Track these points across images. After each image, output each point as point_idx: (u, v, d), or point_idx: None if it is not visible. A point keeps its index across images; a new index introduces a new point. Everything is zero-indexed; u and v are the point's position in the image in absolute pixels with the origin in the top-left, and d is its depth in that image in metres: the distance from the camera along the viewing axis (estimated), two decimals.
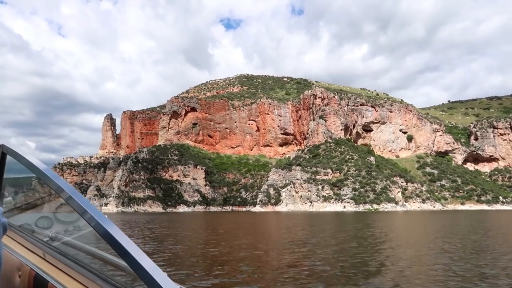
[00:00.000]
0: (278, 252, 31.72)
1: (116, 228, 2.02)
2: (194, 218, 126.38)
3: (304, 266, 24.13)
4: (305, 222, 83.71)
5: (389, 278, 20.25)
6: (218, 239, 43.10)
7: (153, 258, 21.51)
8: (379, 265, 24.29)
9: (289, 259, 27.04)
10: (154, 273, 1.81)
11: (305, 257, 28.03)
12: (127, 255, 1.89)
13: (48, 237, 2.99)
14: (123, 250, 1.91)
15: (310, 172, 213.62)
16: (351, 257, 27.92)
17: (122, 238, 1.96)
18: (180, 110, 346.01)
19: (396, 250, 32.69)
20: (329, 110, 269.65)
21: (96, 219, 2.08)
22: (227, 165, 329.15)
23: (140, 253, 1.90)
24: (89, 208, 2.16)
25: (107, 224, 2.04)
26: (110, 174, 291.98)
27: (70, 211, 2.26)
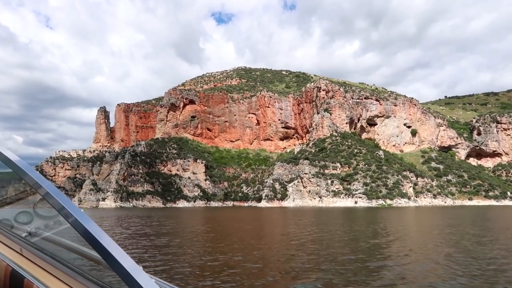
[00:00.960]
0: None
1: (93, 224, 2.01)
2: (198, 214, 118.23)
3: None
4: (334, 221, 76.17)
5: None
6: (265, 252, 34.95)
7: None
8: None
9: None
10: (130, 269, 1.79)
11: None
12: (103, 250, 1.88)
13: (27, 233, 2.94)
14: (100, 245, 1.89)
15: (319, 166, 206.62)
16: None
17: (99, 233, 1.95)
18: (178, 103, 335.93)
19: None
20: (334, 103, 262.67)
21: (74, 215, 2.06)
22: (227, 159, 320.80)
23: (117, 249, 1.89)
24: (67, 204, 2.14)
25: (85, 220, 2.02)
26: (106, 168, 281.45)
27: (51, 206, 2.24)
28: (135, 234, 44.42)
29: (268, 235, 44.74)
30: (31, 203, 2.91)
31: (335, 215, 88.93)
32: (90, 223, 2.01)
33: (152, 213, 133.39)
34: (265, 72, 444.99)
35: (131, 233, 45.36)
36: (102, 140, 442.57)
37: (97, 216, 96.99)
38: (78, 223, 2.01)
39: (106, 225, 59.20)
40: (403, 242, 34.68)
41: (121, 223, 65.67)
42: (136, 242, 35.80)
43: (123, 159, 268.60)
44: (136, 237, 40.45)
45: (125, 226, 58.83)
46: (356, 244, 33.06)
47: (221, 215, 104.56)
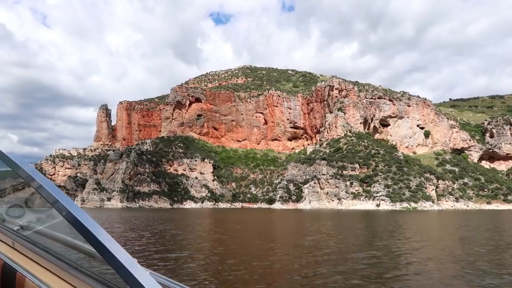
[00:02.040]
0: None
1: (87, 217, 1.99)
2: (212, 217, 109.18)
3: None
4: (377, 228, 67.47)
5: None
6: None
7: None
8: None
9: None
10: (125, 261, 1.77)
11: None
12: (98, 244, 1.86)
13: (19, 226, 2.90)
14: (94, 238, 1.88)
15: (336, 167, 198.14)
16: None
17: (93, 226, 1.93)
18: (184, 101, 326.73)
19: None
20: (348, 102, 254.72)
21: (68, 208, 2.04)
22: (234, 159, 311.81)
23: (112, 242, 1.86)
24: (60, 197, 2.12)
25: (79, 213, 2.00)
26: (110, 167, 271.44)
27: (43, 199, 2.22)
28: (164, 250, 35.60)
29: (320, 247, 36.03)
30: (24, 196, 2.86)
31: (369, 220, 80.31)
32: (84, 216, 1.99)
33: (163, 215, 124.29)
34: (270, 71, 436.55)
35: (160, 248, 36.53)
36: (103, 139, 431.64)
37: (110, 219, 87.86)
38: (72, 216, 2.00)
39: (118, 231, 50.39)
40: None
41: (140, 228, 56.74)
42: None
43: (129, 158, 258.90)
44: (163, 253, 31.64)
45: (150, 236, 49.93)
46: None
47: (239, 219, 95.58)
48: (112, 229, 51.84)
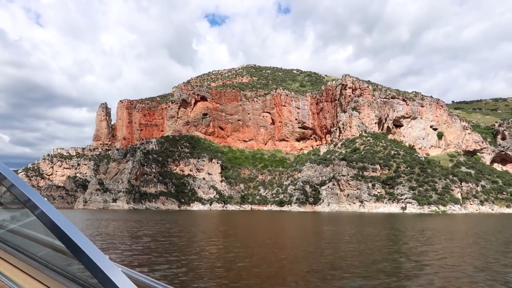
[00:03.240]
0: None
1: (60, 215, 1.96)
2: (229, 220, 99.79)
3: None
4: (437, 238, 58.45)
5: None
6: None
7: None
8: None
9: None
10: (96, 258, 1.75)
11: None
12: (69, 241, 1.83)
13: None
14: (65, 236, 1.85)
15: (357, 168, 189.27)
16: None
17: (64, 224, 1.91)
18: (190, 99, 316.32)
19: None
20: (363, 101, 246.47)
21: (40, 207, 2.01)
22: (241, 159, 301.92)
23: (83, 239, 1.84)
24: (32, 196, 2.08)
25: (51, 211, 1.98)
26: (114, 167, 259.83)
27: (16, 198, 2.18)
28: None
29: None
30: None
31: (418, 227, 71.32)
32: (56, 214, 1.96)
33: (177, 217, 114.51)
34: (275, 71, 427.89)
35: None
36: (103, 138, 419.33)
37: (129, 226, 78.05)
38: (44, 215, 1.97)
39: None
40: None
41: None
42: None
43: (134, 157, 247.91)
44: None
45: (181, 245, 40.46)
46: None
47: (262, 223, 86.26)
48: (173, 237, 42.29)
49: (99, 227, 58.58)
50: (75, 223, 68.09)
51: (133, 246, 33.00)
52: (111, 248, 30.91)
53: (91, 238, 36.17)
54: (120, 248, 31.72)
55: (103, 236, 42.83)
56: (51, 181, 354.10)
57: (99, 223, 70.41)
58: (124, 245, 34.12)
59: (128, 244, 34.94)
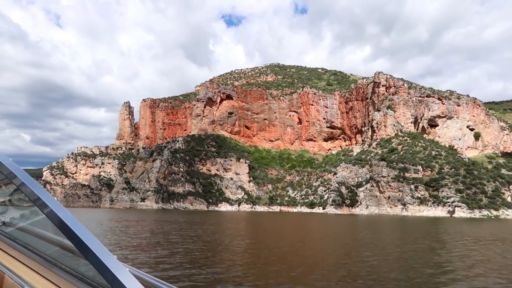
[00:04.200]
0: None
1: (68, 214, 1.97)
2: (276, 224, 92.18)
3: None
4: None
5: None
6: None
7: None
8: None
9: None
10: (104, 258, 1.76)
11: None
12: (78, 240, 1.85)
13: (1, 222, 2.86)
14: (74, 235, 1.87)
15: (397, 169, 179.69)
16: None
17: (73, 223, 1.92)
18: (215, 97, 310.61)
19: None
20: (398, 99, 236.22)
21: (49, 206, 2.02)
22: (268, 159, 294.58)
23: (92, 238, 1.86)
24: (42, 194, 2.10)
25: (60, 210, 1.99)
26: (141, 166, 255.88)
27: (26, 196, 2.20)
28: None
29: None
30: (7, 193, 2.76)
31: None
32: (65, 213, 1.97)
33: (211, 218, 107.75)
34: (300, 69, 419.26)
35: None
36: (126, 137, 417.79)
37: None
38: (53, 214, 1.98)
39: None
40: None
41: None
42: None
43: (162, 156, 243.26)
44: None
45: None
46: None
47: (299, 227, 78.34)
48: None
49: (158, 228, 52.23)
50: (127, 226, 62.16)
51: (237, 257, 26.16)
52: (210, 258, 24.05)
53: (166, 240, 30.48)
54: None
55: (184, 237, 36.13)
56: (75, 180, 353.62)
57: (152, 225, 64.05)
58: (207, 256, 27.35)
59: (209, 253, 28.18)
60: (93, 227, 55.38)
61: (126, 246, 32.43)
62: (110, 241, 36.13)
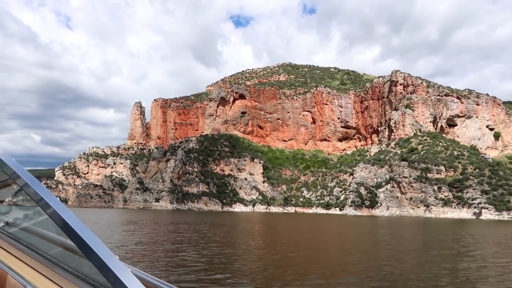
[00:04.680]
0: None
1: (71, 215, 1.98)
2: (299, 227, 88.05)
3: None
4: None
5: None
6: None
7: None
8: None
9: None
10: (106, 258, 1.77)
11: None
12: (80, 241, 1.85)
13: (4, 223, 2.84)
14: (77, 236, 1.87)
15: (419, 169, 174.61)
16: None
17: (76, 223, 1.93)
18: (228, 97, 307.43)
19: None
20: (417, 98, 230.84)
21: (52, 206, 2.03)
22: (282, 160, 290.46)
23: (94, 239, 1.86)
24: (45, 195, 2.10)
25: (63, 211, 1.99)
26: (154, 166, 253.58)
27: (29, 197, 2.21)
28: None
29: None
30: (11, 193, 2.75)
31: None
32: (68, 214, 1.98)
33: (230, 220, 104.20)
34: (312, 69, 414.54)
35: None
36: (137, 137, 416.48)
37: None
38: (56, 214, 1.98)
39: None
40: None
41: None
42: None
43: (176, 156, 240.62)
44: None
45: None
46: None
47: (324, 229, 74.10)
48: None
49: (200, 232, 48.78)
50: (145, 227, 58.76)
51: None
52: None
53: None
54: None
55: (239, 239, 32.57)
56: (87, 180, 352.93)
57: (189, 228, 60.61)
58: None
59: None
60: (113, 231, 52.17)
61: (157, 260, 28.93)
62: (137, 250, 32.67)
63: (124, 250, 29.82)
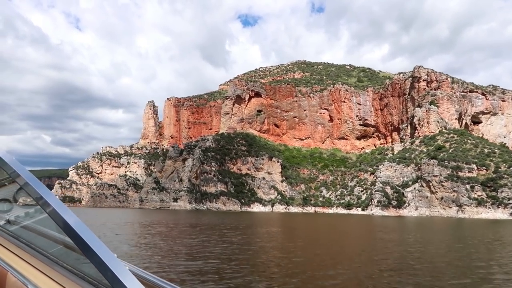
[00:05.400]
0: None
1: (71, 215, 1.98)
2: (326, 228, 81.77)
3: None
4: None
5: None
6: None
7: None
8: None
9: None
10: (104, 256, 1.79)
11: None
12: (79, 239, 1.86)
13: (5, 221, 2.83)
14: (75, 234, 1.88)
15: (450, 168, 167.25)
16: None
17: (75, 222, 1.93)
18: (244, 95, 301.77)
19: None
20: (442, 94, 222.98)
21: (52, 205, 2.03)
22: (299, 158, 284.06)
23: (93, 238, 1.87)
24: (45, 194, 2.11)
25: (62, 210, 2.00)
26: (170, 165, 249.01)
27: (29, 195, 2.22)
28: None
29: None
30: (12, 191, 2.77)
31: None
32: (67, 213, 1.98)
33: (257, 220, 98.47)
34: (327, 66, 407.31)
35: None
36: (150, 136, 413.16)
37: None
38: (55, 212, 1.99)
39: None
40: None
41: None
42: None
43: (193, 155, 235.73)
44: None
45: None
46: None
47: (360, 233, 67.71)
48: None
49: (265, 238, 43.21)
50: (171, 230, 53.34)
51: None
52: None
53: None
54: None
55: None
56: (100, 180, 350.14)
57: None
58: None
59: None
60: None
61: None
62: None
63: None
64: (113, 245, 30.87)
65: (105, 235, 40.92)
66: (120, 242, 35.37)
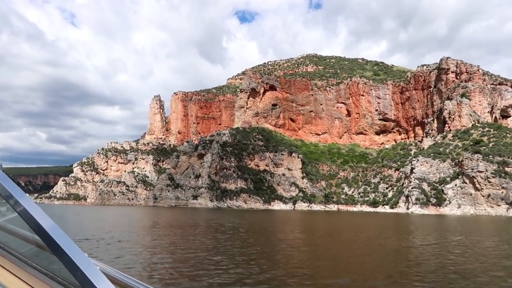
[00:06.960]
0: None
1: (42, 213, 1.92)
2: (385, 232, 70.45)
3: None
4: None
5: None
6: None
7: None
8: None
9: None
10: (74, 256, 1.73)
11: None
12: (49, 238, 1.81)
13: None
14: (46, 233, 1.82)
15: (496, 163, 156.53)
16: None
17: (45, 221, 1.88)
18: (259, 88, 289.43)
19: None
20: (474, 87, 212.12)
21: (22, 204, 1.97)
22: (317, 154, 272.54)
23: (63, 237, 1.81)
24: (14, 192, 2.04)
25: (32, 209, 1.94)
26: (185, 161, 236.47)
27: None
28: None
29: None
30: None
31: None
32: (37, 210, 1.93)
33: (295, 224, 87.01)
34: (340, 60, 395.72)
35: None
36: (157, 132, 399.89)
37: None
38: (25, 211, 1.93)
39: None
40: None
41: None
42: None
43: (212, 150, 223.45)
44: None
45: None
46: None
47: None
48: None
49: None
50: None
51: None
52: None
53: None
54: None
55: None
56: (106, 176, 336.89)
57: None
58: None
59: None
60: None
61: None
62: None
63: None
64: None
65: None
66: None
